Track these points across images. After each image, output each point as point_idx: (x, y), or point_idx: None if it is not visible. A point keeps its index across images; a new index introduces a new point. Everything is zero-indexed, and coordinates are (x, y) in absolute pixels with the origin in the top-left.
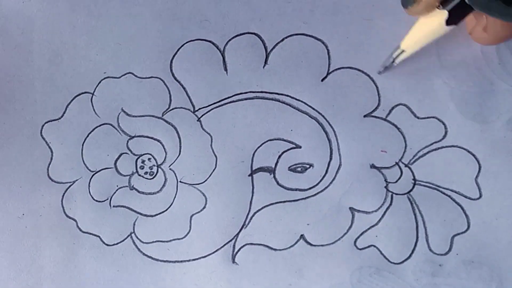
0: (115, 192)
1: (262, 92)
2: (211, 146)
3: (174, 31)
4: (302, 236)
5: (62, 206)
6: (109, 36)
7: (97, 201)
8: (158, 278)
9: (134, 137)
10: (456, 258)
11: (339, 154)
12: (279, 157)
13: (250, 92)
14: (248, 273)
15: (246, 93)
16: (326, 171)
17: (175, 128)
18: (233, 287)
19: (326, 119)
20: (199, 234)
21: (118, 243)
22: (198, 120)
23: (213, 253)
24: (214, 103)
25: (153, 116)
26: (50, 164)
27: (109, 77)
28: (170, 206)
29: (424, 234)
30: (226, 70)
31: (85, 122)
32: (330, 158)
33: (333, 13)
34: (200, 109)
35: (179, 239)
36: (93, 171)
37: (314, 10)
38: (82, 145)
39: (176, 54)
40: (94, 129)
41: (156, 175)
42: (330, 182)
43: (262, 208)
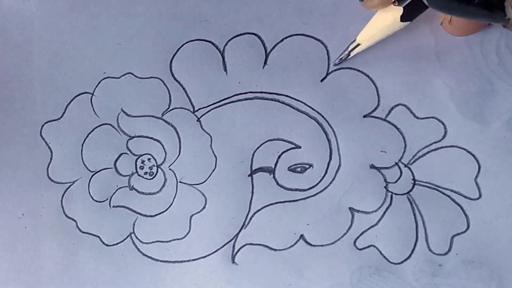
0: (115, 192)
1: (261, 92)
2: (211, 146)
3: (173, 31)
4: (302, 236)
5: (62, 206)
6: (108, 36)
7: (96, 201)
8: (158, 278)
9: (133, 137)
10: (456, 258)
11: (339, 154)
12: (279, 157)
13: (250, 92)
14: (248, 273)
15: (246, 93)
16: (326, 171)
17: (175, 128)
18: (233, 287)
19: (325, 119)
20: (199, 234)
21: (117, 243)
22: (198, 120)
23: (213, 253)
24: (214, 103)
25: (152, 116)
26: (49, 164)
27: (108, 77)
28: (170, 206)
29: (423, 234)
30: (225, 70)
31: (84, 122)
32: (330, 158)
33: (332, 13)
34: (199, 109)
35: (179, 239)
36: (92, 171)
37: (314, 10)
38: (82, 145)
39: (175, 54)
40: (93, 129)
41: (155, 175)
42: (330, 182)
43: (262, 208)
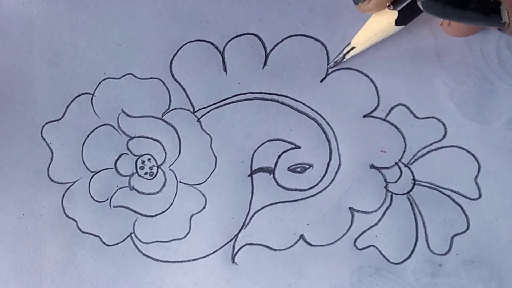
0: (115, 192)
1: (261, 93)
2: (211, 146)
3: (174, 32)
4: (302, 236)
5: (62, 206)
6: (109, 36)
7: (97, 201)
8: (158, 278)
9: (134, 137)
10: (456, 258)
11: (339, 154)
12: (279, 157)
13: (250, 92)
14: (248, 273)
15: (246, 93)
16: (326, 171)
17: (175, 128)
18: (232, 287)
19: (325, 120)
20: (199, 234)
21: (118, 243)
22: (198, 120)
23: (212, 253)
24: (214, 104)
25: (153, 116)
26: (50, 164)
27: (109, 78)
28: (170, 206)
29: (424, 234)
30: (225, 70)
31: (85, 122)
32: (330, 158)
33: (332, 14)
34: (199, 109)
35: (179, 239)
36: (93, 172)
37: (313, 11)
38: (82, 145)
39: (176, 54)
40: (94, 129)
41: (156, 176)
42: (330, 182)
43: (262, 208)
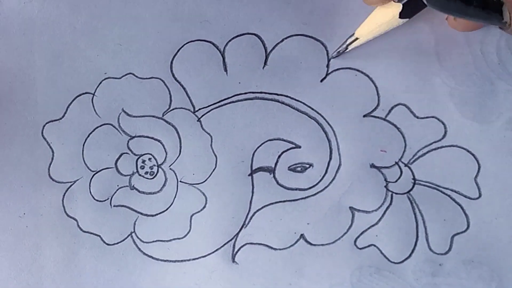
0: (116, 191)
1: (261, 92)
2: (211, 146)
3: (174, 32)
4: (302, 235)
5: (63, 206)
6: (109, 37)
7: (97, 200)
8: (158, 278)
9: (134, 137)
10: (456, 258)
11: (339, 154)
12: (279, 157)
13: (250, 92)
14: (248, 272)
15: (246, 93)
16: (326, 171)
17: (175, 128)
18: (233, 287)
19: (325, 119)
20: (199, 234)
21: (118, 243)
22: (198, 120)
23: (213, 252)
24: (214, 104)
25: (153, 116)
26: (51, 164)
27: (109, 77)
28: (170, 205)
29: (424, 233)
30: (226, 70)
31: (86, 122)
32: (330, 158)
33: (332, 14)
34: (200, 109)
35: (179, 239)
36: (93, 171)
37: (314, 11)
38: (83, 145)
39: (176, 54)
40: (94, 129)
41: (156, 175)
42: (330, 182)
43: (262, 207)
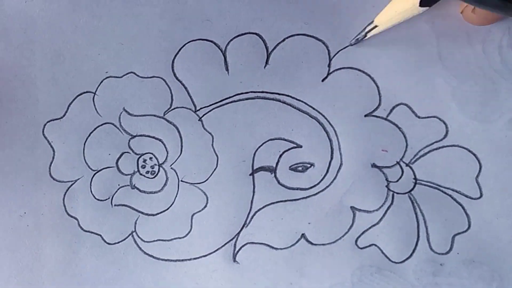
0: (117, 191)
1: (263, 92)
2: (212, 145)
3: (176, 31)
4: (303, 235)
5: (64, 205)
6: (111, 35)
7: (98, 200)
8: (159, 277)
9: (135, 136)
10: (457, 258)
11: (340, 154)
12: (280, 156)
13: (251, 92)
14: (249, 272)
15: (247, 93)
16: (327, 171)
17: (177, 127)
18: (234, 286)
19: (326, 119)
20: (200, 233)
21: (119, 242)
22: (200, 119)
23: (214, 252)
24: (215, 103)
25: (154, 115)
26: (52, 163)
27: (111, 76)
28: (171, 205)
29: (425, 233)
30: (227, 70)
31: (87, 121)
32: (331, 158)
33: (333, 13)
34: (201, 108)
35: (180, 238)
36: (94, 170)
37: (315, 10)
38: (84, 144)
39: (177, 54)
40: (96, 128)
41: (157, 174)
42: (331, 181)
43: (263, 207)
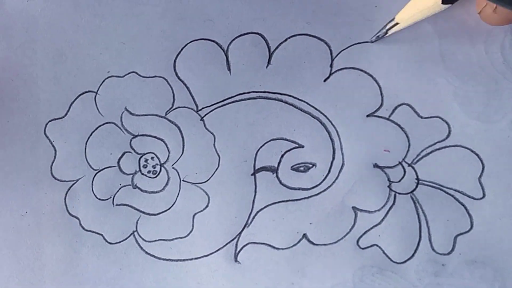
0: (118, 190)
1: (265, 92)
2: (214, 145)
3: (177, 31)
4: (305, 235)
5: (65, 204)
6: (113, 35)
7: (100, 199)
8: (160, 277)
9: (137, 136)
10: (459, 258)
11: (342, 154)
12: (282, 156)
13: (253, 92)
14: (250, 272)
15: (249, 93)
16: (329, 171)
17: (178, 127)
18: (235, 286)
19: (328, 119)
20: (202, 233)
21: (120, 242)
22: (201, 119)
23: (215, 252)
24: (217, 103)
25: (156, 115)
26: (53, 162)
27: (112, 76)
28: (173, 205)
29: (427, 233)
30: (229, 69)
31: (88, 120)
32: (333, 158)
33: (336, 13)
34: (203, 108)
35: (182, 238)
36: (96, 170)
37: (317, 10)
38: (86, 143)
39: (179, 53)
40: (97, 127)
41: (159, 174)
42: (333, 182)
43: (265, 207)
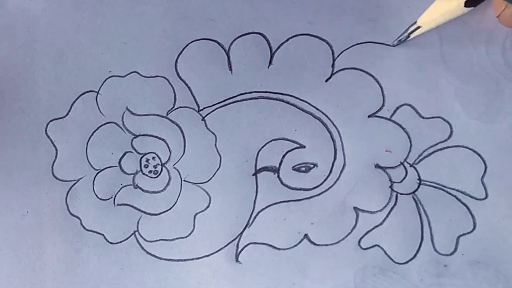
0: (119, 190)
1: (266, 92)
2: (215, 145)
3: (179, 31)
4: (306, 235)
5: (66, 204)
6: (114, 35)
7: (101, 199)
8: (161, 277)
9: (138, 136)
10: (461, 259)
11: (344, 154)
12: (283, 156)
13: (255, 92)
14: (251, 272)
15: (251, 93)
16: (330, 171)
17: (180, 127)
18: (236, 286)
19: (330, 119)
20: (203, 233)
21: (121, 241)
22: (203, 119)
23: (216, 252)
24: (219, 103)
25: (157, 115)
26: (54, 162)
27: (114, 76)
28: (174, 205)
29: (429, 234)
30: (230, 69)
31: (89, 120)
32: (334, 158)
33: (338, 13)
34: (204, 108)
35: (183, 238)
36: (97, 170)
37: (319, 10)
38: (87, 143)
39: (181, 53)
40: (98, 127)
41: (160, 174)
42: (335, 182)
43: (266, 207)
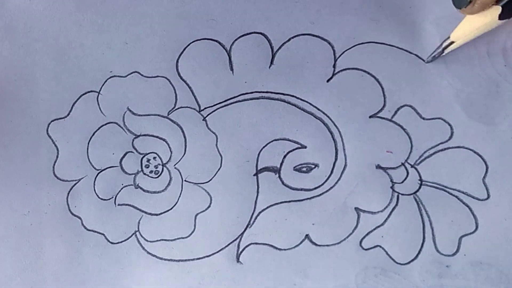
0: (120, 190)
1: (267, 92)
2: (216, 145)
3: (180, 31)
4: (307, 236)
5: (67, 204)
6: (115, 35)
7: (102, 199)
8: (162, 277)
9: (139, 136)
10: (463, 259)
11: (345, 155)
12: (284, 157)
13: (256, 92)
14: (252, 272)
15: (252, 93)
16: (332, 171)
17: (181, 127)
18: (237, 287)
19: (331, 120)
20: (204, 233)
21: (122, 241)
22: (204, 119)
23: (217, 252)
24: (220, 103)
25: (158, 115)
26: (55, 162)
27: (115, 76)
28: (175, 205)
29: (431, 234)
30: (232, 69)
31: (91, 120)
32: (336, 159)
33: (340, 13)
34: (205, 108)
35: (184, 238)
36: (98, 170)
37: (321, 10)
38: (88, 143)
39: (182, 53)
40: (99, 127)
41: (161, 174)
42: (336, 182)
43: (267, 207)
